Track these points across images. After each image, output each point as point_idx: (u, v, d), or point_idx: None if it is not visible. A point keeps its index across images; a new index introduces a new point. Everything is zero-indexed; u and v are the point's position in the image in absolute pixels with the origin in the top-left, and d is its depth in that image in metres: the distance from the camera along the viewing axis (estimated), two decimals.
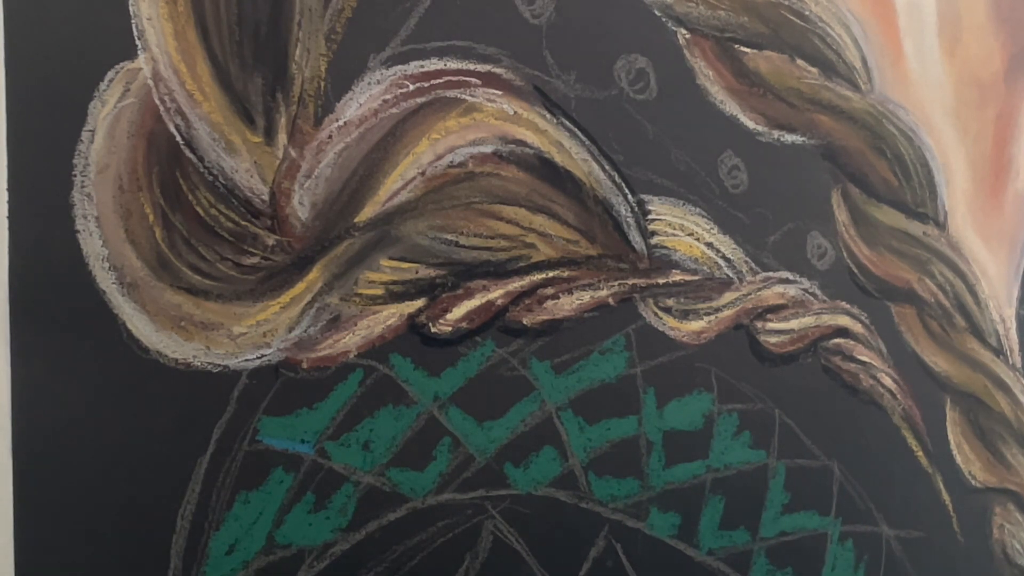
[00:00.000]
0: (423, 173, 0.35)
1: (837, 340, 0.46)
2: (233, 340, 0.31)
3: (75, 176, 0.29)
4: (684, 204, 0.42)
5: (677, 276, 0.41)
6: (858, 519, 0.44)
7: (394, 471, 0.34)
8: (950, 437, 0.51)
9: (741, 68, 0.44)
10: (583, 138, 0.39)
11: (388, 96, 0.34)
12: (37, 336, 0.28)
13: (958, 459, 0.51)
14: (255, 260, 0.32)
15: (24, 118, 0.28)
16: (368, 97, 0.34)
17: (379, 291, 0.34)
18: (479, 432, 0.36)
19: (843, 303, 0.47)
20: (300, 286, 0.32)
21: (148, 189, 0.30)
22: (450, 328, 0.35)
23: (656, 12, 0.41)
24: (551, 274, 0.38)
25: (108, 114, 0.29)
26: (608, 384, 0.39)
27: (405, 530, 0.34)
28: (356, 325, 0.33)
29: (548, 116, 0.38)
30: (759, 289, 0.44)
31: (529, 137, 0.37)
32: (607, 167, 0.39)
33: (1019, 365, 0.54)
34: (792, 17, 0.45)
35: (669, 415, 0.40)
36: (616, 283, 0.40)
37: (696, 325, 0.42)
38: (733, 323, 0.43)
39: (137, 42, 0.30)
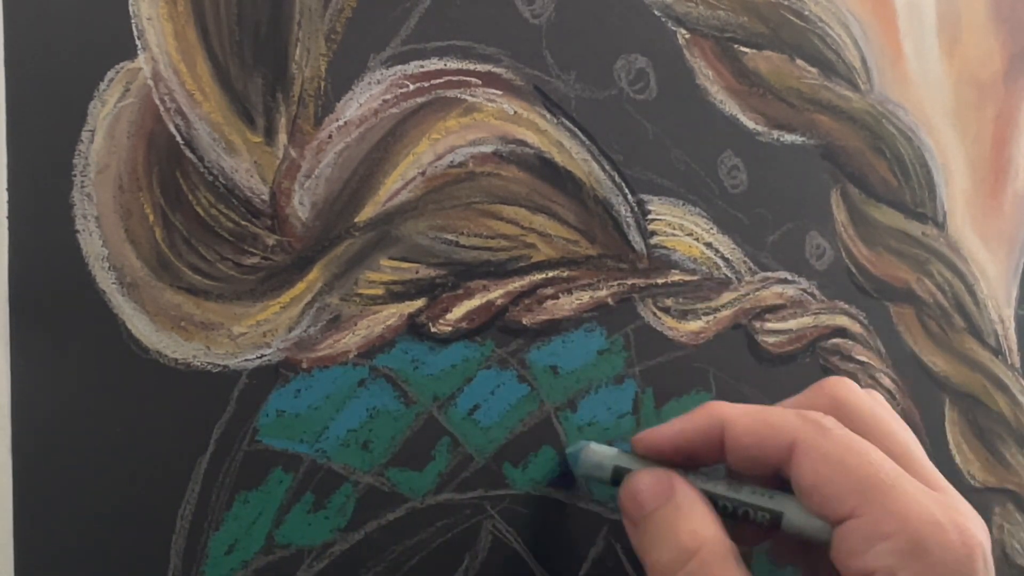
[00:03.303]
0: (423, 173, 0.35)
1: (835, 340, 0.46)
2: (233, 340, 0.31)
3: (75, 176, 0.29)
4: (684, 204, 0.42)
5: (676, 276, 0.41)
6: None
7: (393, 471, 0.34)
8: (949, 437, 0.51)
9: (741, 68, 0.44)
10: (583, 138, 0.39)
11: (388, 96, 0.34)
12: (37, 336, 0.28)
13: (957, 459, 0.51)
14: (255, 260, 0.32)
15: (24, 118, 0.28)
16: (368, 97, 0.34)
17: (379, 291, 0.34)
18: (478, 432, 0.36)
19: (841, 303, 0.47)
20: (300, 286, 0.32)
21: (148, 189, 0.30)
22: (450, 328, 0.35)
23: (656, 12, 0.41)
24: (551, 274, 0.38)
25: (108, 114, 0.29)
26: (606, 384, 0.39)
27: (404, 530, 0.34)
28: (356, 325, 0.33)
29: (548, 116, 0.38)
30: (757, 289, 0.44)
31: (529, 137, 0.37)
32: (607, 167, 0.39)
33: (1018, 365, 0.54)
34: (792, 17, 0.45)
35: (667, 415, 0.40)
36: (615, 283, 0.40)
37: (694, 325, 0.42)
38: (731, 323, 0.43)
39: (137, 42, 0.30)
